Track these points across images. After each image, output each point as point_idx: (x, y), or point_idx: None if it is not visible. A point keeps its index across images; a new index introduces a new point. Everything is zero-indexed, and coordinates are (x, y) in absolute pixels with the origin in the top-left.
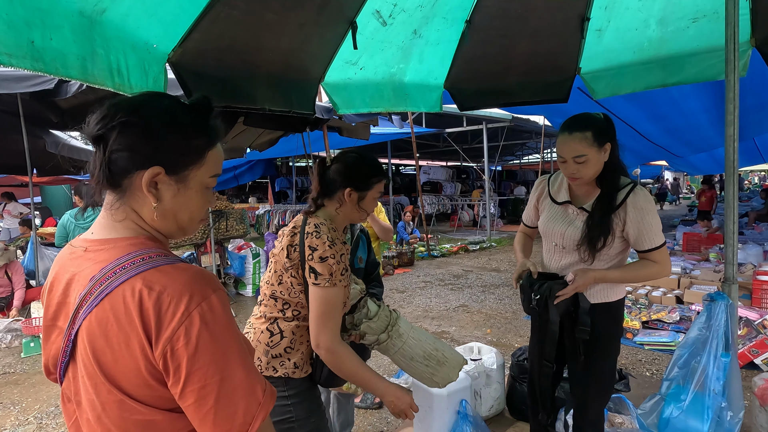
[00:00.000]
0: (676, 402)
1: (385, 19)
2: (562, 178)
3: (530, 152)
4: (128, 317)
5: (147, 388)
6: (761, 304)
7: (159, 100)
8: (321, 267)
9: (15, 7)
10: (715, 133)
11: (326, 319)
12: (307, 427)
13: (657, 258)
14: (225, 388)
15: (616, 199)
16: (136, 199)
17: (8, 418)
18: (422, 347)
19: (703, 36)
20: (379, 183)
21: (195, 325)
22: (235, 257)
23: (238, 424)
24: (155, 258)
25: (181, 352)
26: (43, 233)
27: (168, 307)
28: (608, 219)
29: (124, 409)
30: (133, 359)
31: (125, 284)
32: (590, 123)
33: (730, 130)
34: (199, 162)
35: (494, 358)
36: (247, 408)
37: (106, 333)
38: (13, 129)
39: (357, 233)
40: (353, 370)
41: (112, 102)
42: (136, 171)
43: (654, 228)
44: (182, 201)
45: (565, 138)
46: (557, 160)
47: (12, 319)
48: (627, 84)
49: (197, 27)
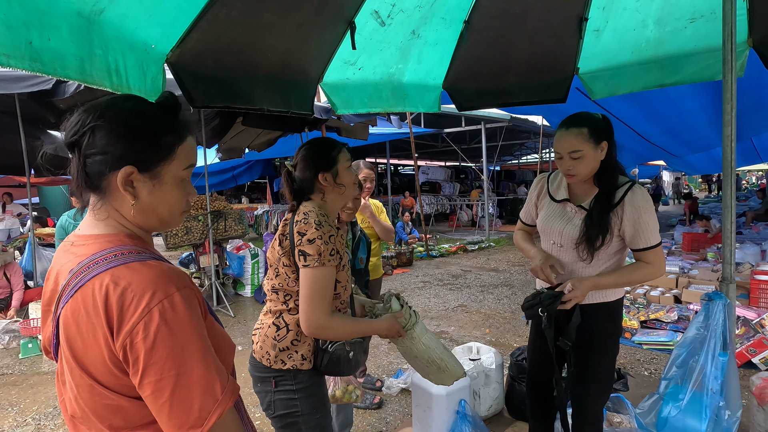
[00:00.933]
0: (674, 401)
1: (383, 19)
2: (562, 176)
3: (529, 152)
4: (95, 309)
5: (112, 376)
6: (759, 304)
7: (125, 102)
8: (309, 248)
9: (13, 8)
10: (713, 132)
11: (317, 299)
12: (311, 422)
13: (651, 258)
14: (181, 382)
15: (614, 197)
16: (116, 199)
17: (6, 420)
18: (429, 354)
19: (701, 36)
20: (340, 154)
21: (154, 320)
22: (233, 257)
23: (192, 418)
24: (127, 255)
25: (139, 345)
26: (41, 234)
27: (131, 302)
28: (607, 217)
29: (93, 393)
30: (99, 349)
31: (95, 278)
32: (587, 120)
33: (728, 130)
34: (169, 157)
35: (493, 358)
36: (203, 404)
37: (78, 322)
38: (10, 129)
39: (358, 234)
40: (350, 332)
41: (83, 108)
42: (111, 172)
43: (650, 227)
44: (159, 196)
45: (562, 134)
46: (554, 156)
47: (10, 320)
48: (625, 84)
49: (196, 27)
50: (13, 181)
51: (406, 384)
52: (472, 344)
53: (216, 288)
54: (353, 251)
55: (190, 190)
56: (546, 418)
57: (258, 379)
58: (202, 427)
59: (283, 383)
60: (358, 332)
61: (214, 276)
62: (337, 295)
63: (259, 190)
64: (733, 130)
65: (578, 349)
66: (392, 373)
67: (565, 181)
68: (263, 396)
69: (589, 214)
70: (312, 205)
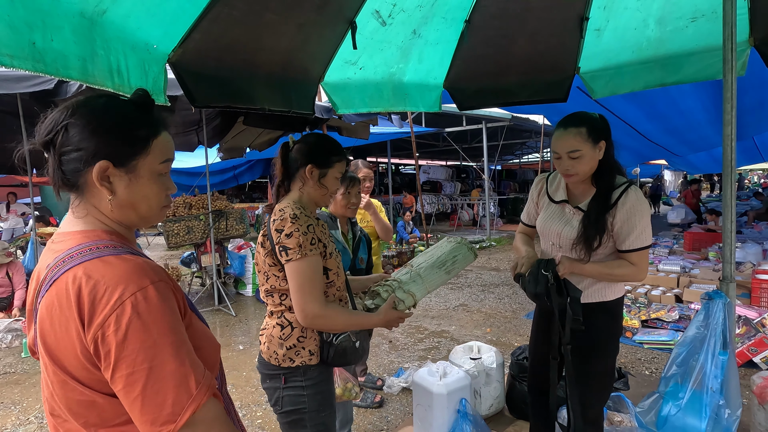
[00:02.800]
0: (674, 400)
1: (384, 19)
2: (560, 177)
3: (530, 151)
4: (68, 302)
5: (85, 370)
6: (760, 303)
7: (96, 99)
8: (289, 242)
9: (16, 9)
10: (714, 132)
11: (307, 289)
12: (316, 420)
13: (635, 260)
14: (153, 376)
15: (611, 198)
16: (93, 195)
17: (9, 418)
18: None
19: (702, 35)
20: (339, 162)
21: (126, 313)
22: (234, 257)
23: (165, 413)
24: (102, 249)
25: (111, 338)
26: (43, 233)
27: (102, 295)
28: (603, 218)
29: (67, 389)
30: (71, 342)
31: (69, 272)
32: (585, 119)
33: (728, 130)
34: (144, 151)
35: (494, 357)
36: (176, 398)
37: (51, 317)
38: (12, 129)
39: (358, 234)
40: (346, 323)
41: (56, 109)
42: (86, 168)
43: (638, 229)
44: (136, 190)
45: (560, 133)
46: (552, 156)
47: (13, 319)
48: (626, 83)
49: (197, 27)
50: (16, 181)
51: (407, 383)
52: (472, 343)
53: (217, 287)
54: (354, 251)
55: (169, 185)
56: (547, 418)
57: (267, 377)
58: (175, 423)
59: (292, 379)
60: (354, 324)
61: (215, 275)
62: (331, 283)
63: (261, 190)
64: (733, 130)
65: (578, 348)
66: (393, 372)
67: (563, 181)
68: (272, 392)
69: (586, 215)
70: (287, 201)
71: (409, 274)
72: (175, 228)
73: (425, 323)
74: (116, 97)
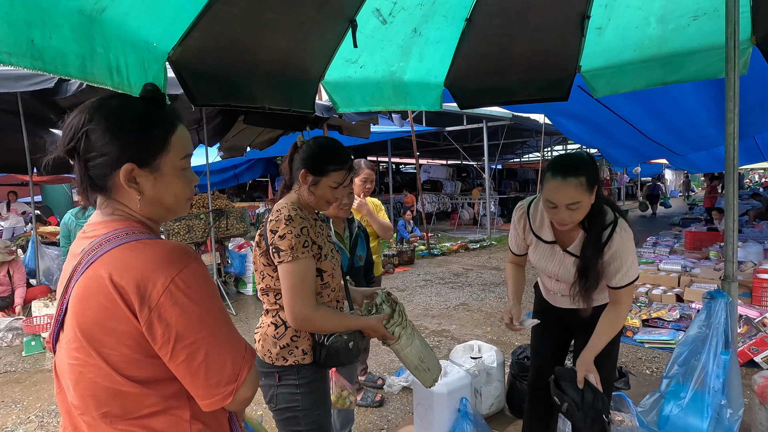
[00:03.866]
0: (675, 399)
1: (385, 17)
2: (542, 212)
3: (530, 150)
4: (107, 287)
5: (126, 348)
6: (761, 302)
7: (110, 101)
8: (282, 244)
9: (15, 6)
10: (715, 131)
11: (297, 292)
12: (311, 418)
13: (623, 297)
14: (213, 342)
15: (602, 239)
16: (122, 195)
17: (10, 417)
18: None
19: (704, 34)
20: (336, 172)
21: (179, 290)
22: (235, 256)
23: (227, 374)
24: (138, 233)
25: (169, 315)
26: (43, 232)
27: (150, 276)
28: (597, 264)
29: (97, 374)
30: (115, 325)
31: (108, 253)
32: (583, 167)
33: (730, 128)
34: (164, 149)
35: (494, 357)
36: (234, 360)
37: (88, 299)
38: (13, 128)
39: (356, 232)
40: (334, 325)
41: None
42: (113, 172)
43: (625, 267)
44: (163, 187)
45: (559, 184)
46: (545, 205)
47: (13, 317)
48: (627, 82)
49: (197, 25)
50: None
51: (408, 382)
52: (473, 342)
53: (218, 286)
54: (351, 249)
55: (192, 178)
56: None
57: (262, 374)
58: (236, 382)
59: (286, 377)
60: (343, 326)
61: (216, 274)
62: (325, 285)
63: (261, 189)
64: (735, 128)
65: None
66: (393, 371)
67: (547, 219)
68: (266, 390)
69: (582, 265)
70: (285, 201)
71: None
72: (176, 227)
73: (426, 322)
74: (129, 97)
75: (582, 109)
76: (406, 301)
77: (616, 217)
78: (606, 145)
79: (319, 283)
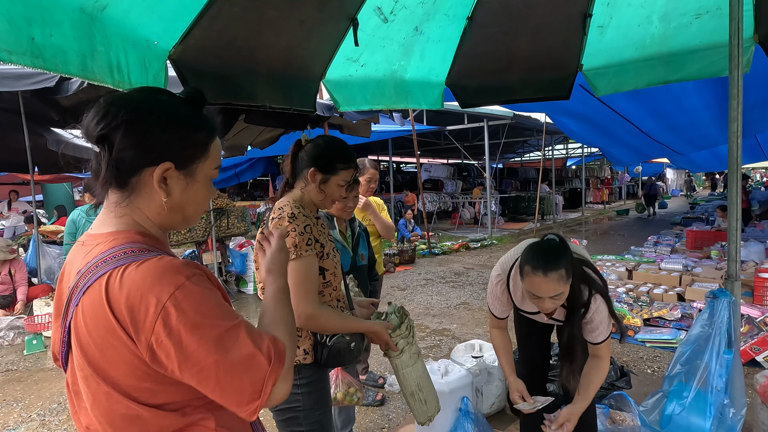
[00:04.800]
0: (678, 399)
1: (386, 15)
2: (522, 288)
3: (531, 150)
4: (106, 313)
5: (134, 379)
6: (763, 302)
7: (157, 96)
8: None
9: (15, 4)
10: (717, 130)
11: (301, 290)
12: (312, 418)
13: (602, 352)
14: (221, 367)
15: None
16: (143, 195)
17: (11, 415)
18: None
19: (706, 32)
20: (345, 170)
21: (172, 314)
22: (236, 255)
23: (247, 395)
24: (137, 252)
25: (166, 342)
26: (45, 231)
27: (140, 302)
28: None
29: (111, 401)
30: (118, 353)
31: (102, 278)
32: (560, 259)
33: (734, 127)
34: (204, 155)
35: (495, 356)
36: (253, 378)
37: (89, 326)
38: (14, 127)
39: (357, 231)
40: (338, 325)
41: (108, 100)
42: (145, 168)
43: (602, 327)
44: (190, 194)
45: (541, 280)
46: (529, 296)
47: (15, 316)
48: (629, 81)
49: (198, 24)
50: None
51: None
52: (474, 341)
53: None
54: (353, 248)
55: (213, 191)
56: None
57: None
58: (260, 399)
59: None
60: (347, 327)
61: (216, 273)
62: (327, 283)
63: (262, 188)
64: (739, 127)
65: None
66: None
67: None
68: None
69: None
70: (288, 199)
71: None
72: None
73: (427, 321)
74: (175, 95)
75: (583, 108)
76: (407, 300)
77: (591, 293)
78: (607, 144)
79: (321, 282)
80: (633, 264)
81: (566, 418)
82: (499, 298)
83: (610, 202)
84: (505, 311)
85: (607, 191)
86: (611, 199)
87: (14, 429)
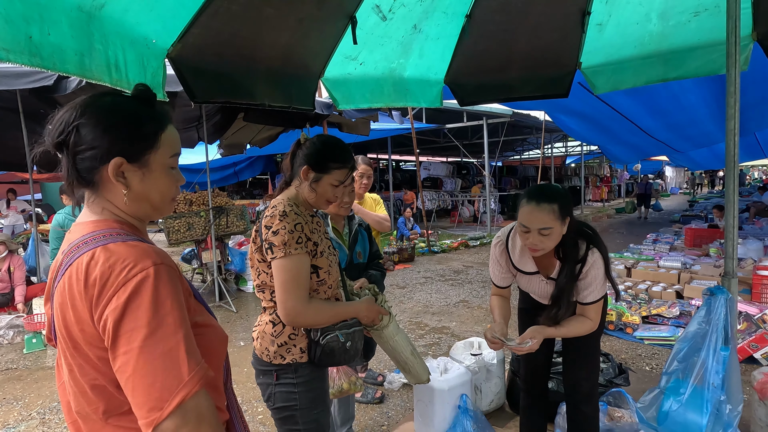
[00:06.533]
0: (675, 395)
1: (384, 13)
2: (521, 246)
3: (531, 148)
4: (79, 286)
5: (98, 349)
6: (761, 299)
7: (102, 98)
8: (275, 239)
9: (13, 2)
10: (716, 128)
11: (290, 288)
12: (308, 417)
13: (592, 314)
14: (143, 356)
15: (575, 270)
16: (109, 191)
17: (11, 414)
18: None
19: (705, 30)
20: (339, 170)
21: (126, 292)
22: (235, 253)
23: (153, 398)
24: (114, 235)
25: (109, 316)
26: (44, 230)
27: (108, 277)
28: (572, 288)
29: (83, 372)
30: (87, 324)
31: (82, 256)
32: (556, 195)
33: (731, 125)
34: (154, 146)
35: (494, 353)
36: (166, 383)
37: (67, 300)
38: (12, 125)
39: (355, 228)
40: (328, 315)
41: (63, 110)
42: (101, 166)
43: (593, 286)
44: (150, 183)
45: (532, 209)
46: (519, 229)
47: (14, 315)
48: (628, 79)
49: (196, 22)
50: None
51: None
52: (473, 339)
53: (218, 284)
54: (350, 246)
55: (178, 178)
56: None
57: (260, 372)
58: (162, 411)
59: (284, 376)
60: (336, 316)
61: (216, 272)
62: (321, 282)
63: (261, 186)
64: (736, 125)
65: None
66: (394, 368)
67: (527, 251)
68: (264, 388)
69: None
70: (283, 197)
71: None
72: (176, 224)
73: (426, 319)
74: (120, 95)
75: (582, 106)
76: (406, 298)
77: (588, 247)
78: (606, 142)
79: (315, 280)
80: (632, 261)
81: (531, 334)
82: (498, 260)
83: (610, 200)
84: (505, 279)
85: (606, 189)
86: (610, 197)
87: (14, 427)
